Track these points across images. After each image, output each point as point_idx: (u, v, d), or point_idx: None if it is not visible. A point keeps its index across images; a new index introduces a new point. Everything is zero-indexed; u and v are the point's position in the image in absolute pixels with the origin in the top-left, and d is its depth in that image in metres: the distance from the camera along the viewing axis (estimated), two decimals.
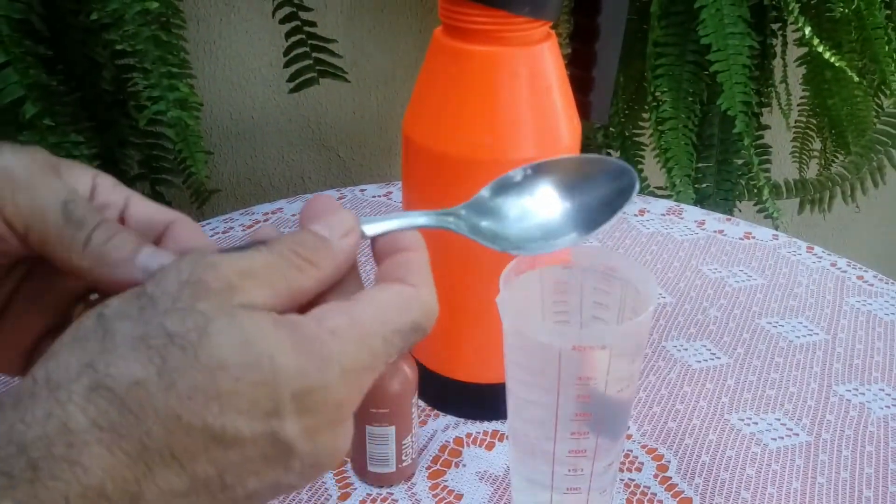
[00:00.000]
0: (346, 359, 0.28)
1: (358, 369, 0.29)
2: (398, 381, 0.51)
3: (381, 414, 0.51)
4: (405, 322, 0.30)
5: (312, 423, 0.27)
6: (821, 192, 1.18)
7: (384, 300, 0.30)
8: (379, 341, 0.29)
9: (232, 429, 0.25)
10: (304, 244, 0.30)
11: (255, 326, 0.26)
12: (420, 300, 0.31)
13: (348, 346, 0.28)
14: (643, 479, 0.55)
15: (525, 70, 0.50)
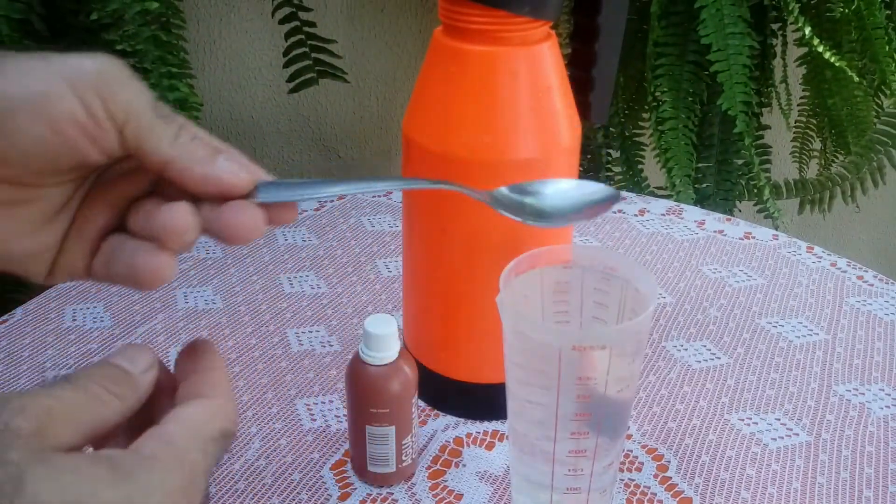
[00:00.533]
0: (169, 481, 0.28)
1: (183, 487, 0.29)
2: (398, 382, 0.51)
3: (380, 414, 0.51)
4: (215, 430, 0.31)
5: None
6: (821, 192, 1.18)
7: (191, 415, 0.31)
8: (198, 455, 0.30)
9: None
10: (109, 378, 0.30)
11: (72, 467, 0.26)
12: (224, 409, 0.32)
13: (169, 468, 0.29)
14: (643, 479, 0.55)
15: (525, 70, 0.50)
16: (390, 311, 0.72)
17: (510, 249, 0.49)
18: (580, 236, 0.85)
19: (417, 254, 0.57)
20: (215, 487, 0.53)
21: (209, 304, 0.73)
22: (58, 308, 0.72)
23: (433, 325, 0.58)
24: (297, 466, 0.56)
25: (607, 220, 0.89)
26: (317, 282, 0.77)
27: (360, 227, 0.87)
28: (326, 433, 0.59)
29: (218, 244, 0.82)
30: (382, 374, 0.50)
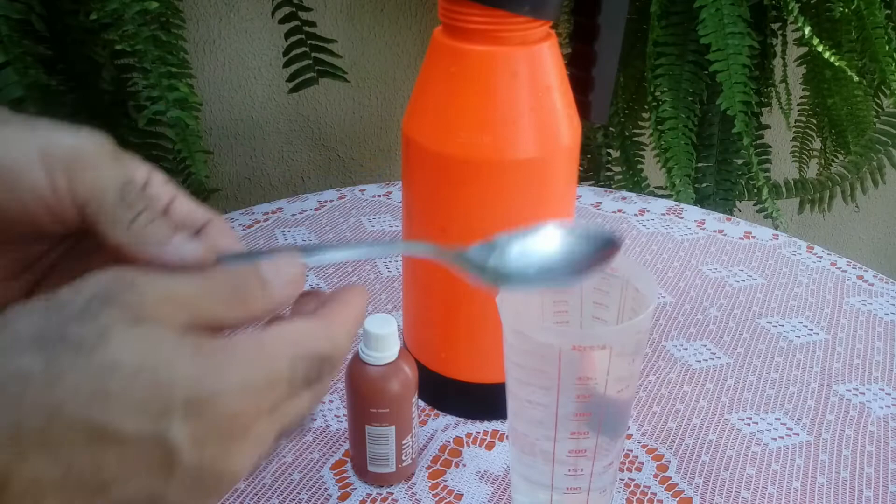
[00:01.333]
0: (245, 373, 0.29)
1: (257, 386, 0.29)
2: (398, 382, 0.51)
3: (380, 414, 0.51)
4: (313, 350, 0.31)
5: (201, 432, 0.27)
6: (821, 191, 1.18)
7: (291, 328, 0.31)
8: (284, 363, 0.30)
9: (116, 426, 0.26)
10: (243, 284, 0.31)
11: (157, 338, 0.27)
12: (329, 333, 0.32)
13: (250, 363, 0.29)
14: (643, 479, 0.55)
15: (525, 70, 0.50)
16: (390, 311, 0.72)
17: None
18: None
19: None
20: None
21: None
22: None
23: (433, 325, 0.58)
24: (297, 466, 0.56)
25: (607, 219, 0.89)
26: (317, 281, 0.77)
27: (360, 226, 0.87)
28: (326, 433, 0.59)
29: None
30: (382, 374, 0.50)
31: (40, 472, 0.25)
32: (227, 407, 0.28)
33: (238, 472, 0.29)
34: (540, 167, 0.52)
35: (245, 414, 0.28)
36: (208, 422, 0.27)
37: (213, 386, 0.28)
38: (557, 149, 0.52)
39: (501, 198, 0.52)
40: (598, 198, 0.93)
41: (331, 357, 0.32)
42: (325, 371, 0.31)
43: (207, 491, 0.29)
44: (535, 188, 0.52)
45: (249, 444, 0.29)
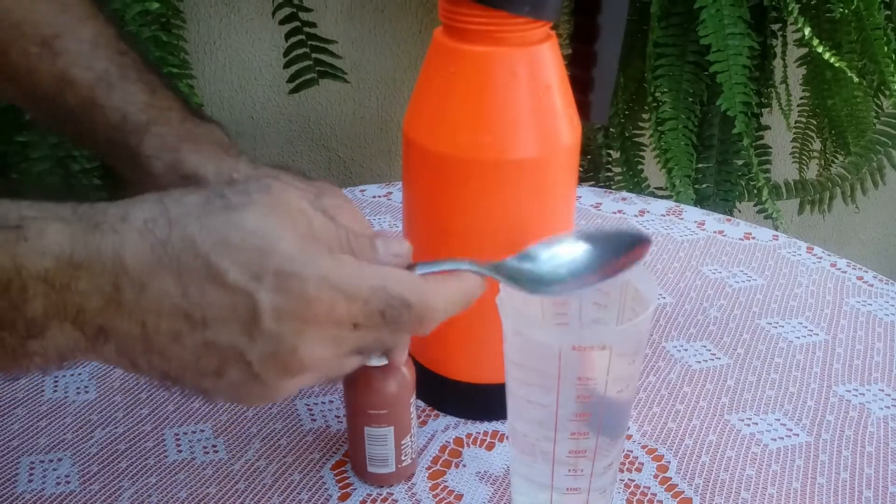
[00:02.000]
0: (333, 272, 0.33)
1: (337, 288, 0.33)
2: (396, 382, 0.51)
3: (379, 415, 0.51)
4: (398, 292, 0.35)
5: (283, 306, 0.32)
6: (821, 192, 1.18)
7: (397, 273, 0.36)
8: (366, 286, 0.34)
9: (223, 270, 0.32)
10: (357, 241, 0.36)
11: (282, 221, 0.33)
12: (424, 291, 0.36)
13: (341, 269, 0.34)
14: (643, 479, 0.55)
15: (525, 70, 0.50)
16: None
17: (510, 249, 0.49)
18: None
19: (417, 254, 0.57)
20: (215, 488, 0.54)
21: None
22: None
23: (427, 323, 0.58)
24: (297, 466, 0.56)
25: (607, 220, 0.89)
26: None
27: None
28: (327, 433, 0.59)
29: None
30: (380, 375, 0.50)
31: (165, 288, 0.32)
32: (305, 291, 0.32)
33: (307, 359, 0.33)
34: (540, 167, 0.52)
35: (320, 303, 0.33)
36: (290, 299, 0.32)
37: (301, 268, 0.33)
38: (557, 149, 0.52)
39: (501, 198, 0.52)
40: (598, 198, 0.94)
41: (413, 306, 0.35)
42: (405, 317, 0.35)
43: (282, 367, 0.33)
44: (535, 188, 0.52)
45: (323, 338, 0.33)
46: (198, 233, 0.32)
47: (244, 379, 0.34)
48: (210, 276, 0.32)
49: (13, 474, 0.54)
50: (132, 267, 0.31)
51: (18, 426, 0.58)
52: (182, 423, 0.59)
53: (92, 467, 0.55)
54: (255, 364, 0.33)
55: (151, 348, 0.33)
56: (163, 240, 0.32)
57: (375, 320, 0.35)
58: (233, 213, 0.33)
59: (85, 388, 0.62)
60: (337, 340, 0.34)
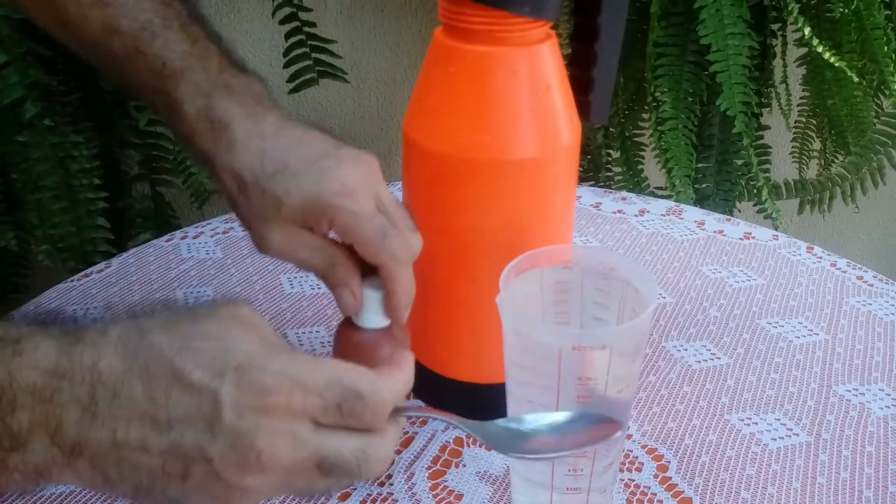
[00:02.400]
0: (288, 367, 0.35)
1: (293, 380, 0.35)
2: (391, 347, 0.49)
3: None
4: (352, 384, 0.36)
5: (242, 400, 0.34)
6: (821, 192, 1.18)
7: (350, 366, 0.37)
8: (322, 378, 0.36)
9: (187, 372, 0.34)
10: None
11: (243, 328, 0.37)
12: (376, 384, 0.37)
13: (297, 364, 0.36)
14: (643, 479, 0.55)
15: (525, 70, 0.50)
16: None
17: (510, 249, 0.49)
18: (580, 236, 0.85)
19: None
20: None
21: None
22: (58, 308, 0.72)
23: (433, 325, 0.58)
24: None
25: (607, 220, 0.89)
26: (317, 282, 0.77)
27: None
28: None
29: (217, 245, 0.82)
30: (374, 339, 0.48)
31: (136, 393, 0.34)
32: (264, 380, 0.34)
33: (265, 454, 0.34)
34: (540, 167, 0.52)
35: (278, 393, 0.34)
36: (248, 390, 0.34)
37: (260, 362, 0.35)
38: (557, 149, 0.52)
39: (501, 198, 0.52)
40: (598, 198, 0.94)
41: (366, 398, 0.36)
42: (359, 409, 0.36)
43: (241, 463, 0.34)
44: (535, 188, 0.52)
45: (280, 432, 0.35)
46: (164, 342, 0.35)
47: (207, 479, 0.35)
48: (175, 379, 0.34)
49: None
50: (106, 376, 0.34)
51: None
52: None
53: None
54: (216, 461, 0.34)
55: (121, 458, 0.35)
56: (133, 350, 0.35)
57: (333, 415, 0.36)
58: (197, 323, 0.36)
59: None
60: (296, 438, 0.35)
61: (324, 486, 0.38)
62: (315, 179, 0.46)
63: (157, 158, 1.11)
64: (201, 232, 0.84)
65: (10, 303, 1.13)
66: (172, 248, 0.81)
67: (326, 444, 0.36)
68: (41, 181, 0.96)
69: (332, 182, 0.46)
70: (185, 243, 0.82)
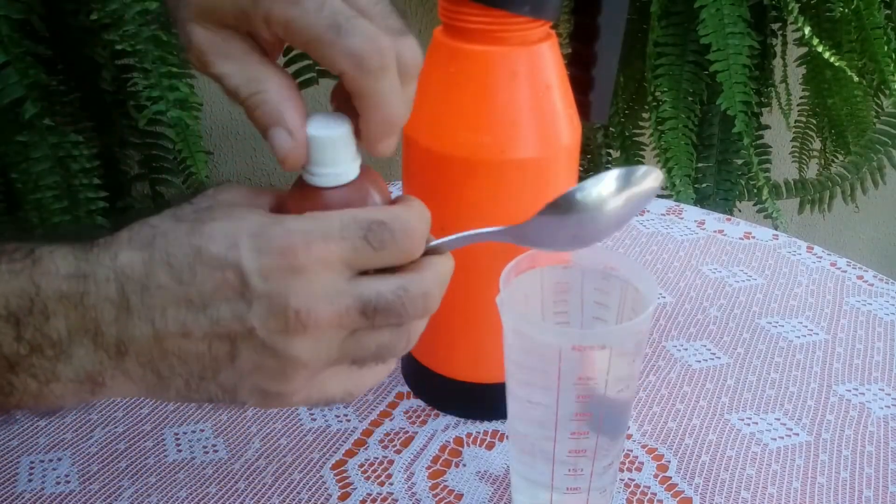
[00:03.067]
0: (295, 223, 0.34)
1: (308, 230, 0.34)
2: None
3: None
4: (367, 216, 0.35)
5: (264, 263, 0.33)
6: (821, 192, 1.18)
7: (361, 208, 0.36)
8: (336, 221, 0.35)
9: (203, 248, 0.34)
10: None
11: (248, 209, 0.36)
12: (392, 210, 0.36)
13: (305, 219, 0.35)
14: (643, 479, 0.55)
15: (525, 70, 0.50)
16: None
17: (510, 249, 0.49)
18: None
19: None
20: (215, 488, 0.54)
21: None
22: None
23: (433, 325, 0.58)
24: (297, 466, 0.56)
25: None
26: None
27: None
28: (327, 433, 0.59)
29: None
30: (339, 200, 0.37)
31: (163, 280, 0.33)
32: (278, 241, 0.34)
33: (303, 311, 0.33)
34: (540, 167, 0.52)
35: (297, 249, 0.33)
36: (267, 253, 0.33)
37: (270, 226, 0.34)
38: (557, 149, 0.52)
39: (501, 198, 0.52)
40: None
41: (389, 222, 0.35)
42: (387, 236, 0.35)
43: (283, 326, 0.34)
44: (535, 188, 0.52)
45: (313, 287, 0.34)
46: (174, 228, 0.35)
47: (256, 354, 0.34)
48: (196, 257, 0.34)
49: (13, 474, 0.54)
50: (130, 270, 0.34)
51: (18, 426, 0.58)
52: (182, 422, 0.59)
53: (92, 467, 0.55)
54: (259, 329, 0.34)
55: (166, 351, 0.34)
56: (148, 241, 0.34)
57: (363, 253, 0.35)
58: (202, 212, 0.35)
59: None
60: (329, 288, 0.34)
61: (377, 342, 0.36)
62: None
63: (157, 158, 1.11)
64: None
65: None
66: None
67: (363, 288, 0.35)
68: (41, 181, 0.96)
69: None
70: None
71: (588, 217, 0.40)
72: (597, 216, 0.40)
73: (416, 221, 0.36)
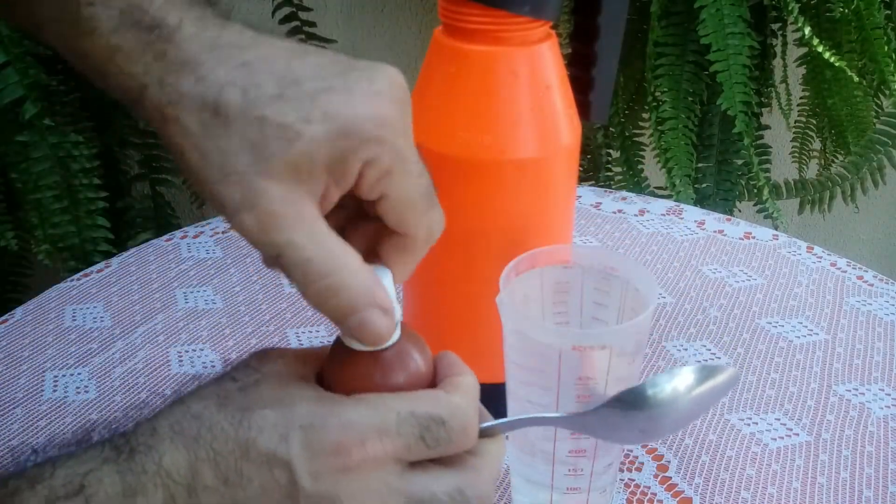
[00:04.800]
0: (353, 414, 0.32)
1: (362, 425, 0.32)
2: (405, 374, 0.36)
3: None
4: (426, 411, 0.33)
5: (316, 463, 0.32)
6: (821, 192, 1.18)
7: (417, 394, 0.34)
8: (392, 414, 0.33)
9: (252, 440, 0.32)
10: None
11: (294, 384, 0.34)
12: (451, 402, 0.34)
13: (361, 408, 0.33)
14: (643, 479, 0.55)
15: (525, 70, 0.50)
16: None
17: (510, 249, 0.49)
18: (580, 236, 0.85)
19: None
20: None
21: (209, 303, 0.73)
22: (58, 308, 0.72)
23: (433, 325, 0.58)
24: None
25: (607, 220, 0.89)
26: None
27: None
28: None
29: (217, 245, 0.82)
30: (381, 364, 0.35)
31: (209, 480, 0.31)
32: (332, 438, 0.32)
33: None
34: (540, 167, 0.52)
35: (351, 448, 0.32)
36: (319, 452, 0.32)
37: (323, 419, 0.32)
38: (557, 149, 0.52)
39: (501, 198, 0.52)
40: (598, 198, 0.93)
41: (448, 421, 0.33)
42: (444, 434, 0.33)
43: None
44: (535, 188, 0.52)
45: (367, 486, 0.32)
46: (222, 419, 0.32)
47: None
48: (243, 453, 0.32)
49: None
50: (175, 474, 0.32)
51: (18, 426, 0.58)
52: None
53: None
54: None
55: None
56: (193, 437, 0.32)
57: (419, 451, 0.33)
58: (249, 392, 0.33)
59: (85, 387, 0.62)
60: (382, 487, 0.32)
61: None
62: (346, 100, 0.31)
63: (157, 158, 1.11)
64: (201, 231, 0.84)
65: (10, 302, 1.13)
66: (172, 248, 0.81)
67: (416, 486, 0.33)
68: (41, 181, 0.96)
69: (368, 106, 0.32)
70: (185, 243, 0.82)
71: (659, 413, 0.38)
72: (668, 412, 0.38)
73: (472, 414, 0.35)
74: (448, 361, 0.37)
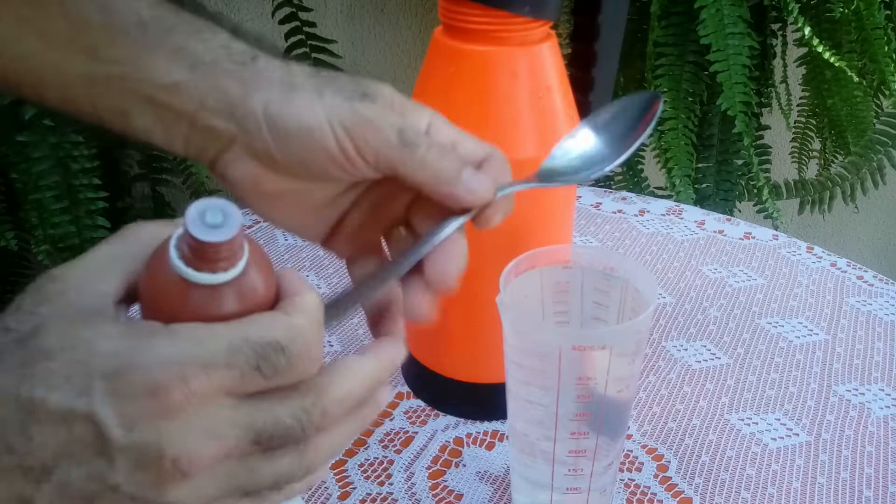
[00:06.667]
0: (171, 349, 0.27)
1: (183, 361, 0.27)
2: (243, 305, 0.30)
3: None
4: (262, 336, 0.29)
5: (128, 410, 0.27)
6: (821, 192, 1.18)
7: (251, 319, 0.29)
8: (223, 344, 0.28)
9: (42, 401, 0.26)
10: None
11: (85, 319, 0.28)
12: (290, 324, 0.29)
13: (181, 341, 0.28)
14: (643, 479, 0.55)
15: (525, 70, 0.50)
16: None
17: (510, 249, 0.49)
18: (580, 236, 0.85)
19: None
20: None
21: None
22: None
23: (433, 325, 0.58)
24: None
25: (607, 220, 0.89)
26: (317, 282, 0.77)
27: None
28: None
29: None
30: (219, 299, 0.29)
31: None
32: (145, 381, 0.27)
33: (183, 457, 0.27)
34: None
35: (167, 388, 0.27)
36: (133, 399, 0.27)
37: (129, 361, 0.27)
38: None
39: None
40: (598, 198, 0.94)
41: (284, 345, 0.29)
42: (280, 361, 0.29)
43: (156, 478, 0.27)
44: (534, 188, 0.52)
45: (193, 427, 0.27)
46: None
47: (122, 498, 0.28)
48: (29, 414, 0.27)
49: None
50: None
51: None
52: None
53: None
54: (124, 486, 0.27)
55: None
56: None
57: (254, 382, 0.28)
58: (28, 341, 0.27)
59: None
60: (214, 424, 0.28)
61: (273, 471, 0.30)
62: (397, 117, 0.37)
63: (157, 158, 1.11)
64: None
65: (10, 303, 1.13)
66: None
67: (255, 415, 0.29)
68: (41, 181, 0.96)
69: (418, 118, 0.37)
70: None
71: None
72: None
73: (316, 336, 0.30)
74: (287, 279, 0.32)
